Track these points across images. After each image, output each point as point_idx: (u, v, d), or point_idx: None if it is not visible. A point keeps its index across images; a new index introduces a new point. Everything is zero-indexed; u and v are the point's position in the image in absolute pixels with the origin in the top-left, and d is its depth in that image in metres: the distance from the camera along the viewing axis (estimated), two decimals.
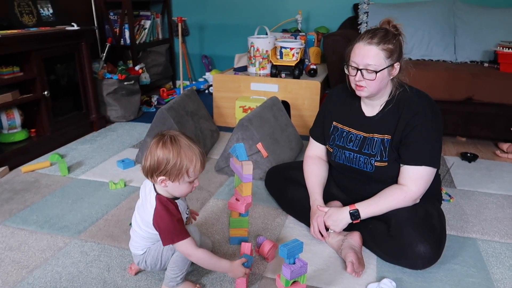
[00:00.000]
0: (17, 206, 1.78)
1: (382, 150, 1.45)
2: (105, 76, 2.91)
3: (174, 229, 1.16)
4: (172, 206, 1.18)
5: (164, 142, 1.13)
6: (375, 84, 1.36)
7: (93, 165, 2.22)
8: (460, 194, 1.95)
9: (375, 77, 1.34)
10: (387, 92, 1.45)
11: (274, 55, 2.81)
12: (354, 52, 1.38)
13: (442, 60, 2.81)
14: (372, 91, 1.39)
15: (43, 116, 2.38)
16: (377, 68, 1.34)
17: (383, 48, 1.33)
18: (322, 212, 1.49)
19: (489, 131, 2.50)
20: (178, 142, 1.14)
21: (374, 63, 1.33)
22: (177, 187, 1.17)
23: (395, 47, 1.35)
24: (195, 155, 1.14)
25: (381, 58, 1.33)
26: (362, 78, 1.37)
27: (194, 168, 1.15)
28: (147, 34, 3.63)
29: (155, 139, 1.15)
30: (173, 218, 1.16)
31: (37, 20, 2.62)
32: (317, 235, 1.50)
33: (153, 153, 1.13)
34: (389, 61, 1.35)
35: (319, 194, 1.58)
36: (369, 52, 1.33)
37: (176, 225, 1.16)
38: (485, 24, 2.76)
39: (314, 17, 3.58)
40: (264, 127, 2.11)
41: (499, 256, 1.48)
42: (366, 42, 1.34)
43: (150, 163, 1.14)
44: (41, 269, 1.37)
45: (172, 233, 1.16)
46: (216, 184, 2.02)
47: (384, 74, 1.36)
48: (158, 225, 1.16)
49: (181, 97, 2.39)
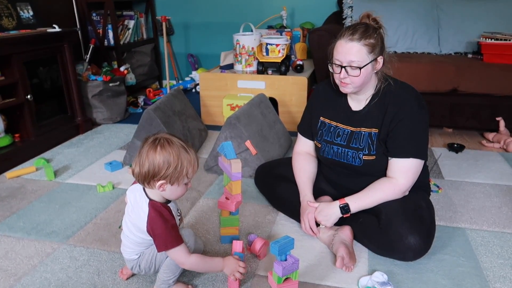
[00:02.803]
0: (2, 213, 1.74)
1: (370, 144, 1.45)
2: (89, 78, 2.87)
3: (168, 235, 1.13)
4: (166, 212, 1.16)
5: (162, 145, 1.10)
6: (360, 80, 1.36)
7: (80, 169, 2.19)
8: (448, 184, 1.97)
9: (360, 73, 1.35)
10: (372, 86, 1.45)
11: (260, 52, 2.80)
12: (336, 50, 1.38)
13: (426, 52, 2.83)
14: (356, 86, 1.39)
15: (27, 120, 2.34)
16: (361, 64, 1.34)
17: (364, 43, 1.33)
18: (312, 208, 1.49)
19: (474, 121, 2.53)
20: (175, 144, 1.12)
21: (357, 59, 1.33)
22: (175, 190, 1.15)
23: (376, 41, 1.35)
24: (192, 155, 1.14)
25: (363, 53, 1.34)
26: (346, 75, 1.37)
27: (193, 168, 1.14)
28: (131, 34, 3.59)
29: (149, 144, 1.11)
30: (167, 224, 1.14)
31: (17, 23, 2.57)
32: (308, 231, 1.50)
33: (151, 158, 1.09)
34: (372, 55, 1.35)
35: (309, 190, 1.58)
36: (351, 49, 1.33)
37: (170, 231, 1.14)
38: (468, 15, 2.79)
39: (299, 12, 3.58)
40: (252, 124, 2.10)
41: (488, 244, 1.50)
42: (347, 39, 1.34)
43: (149, 168, 1.10)
44: (30, 276, 1.34)
45: (166, 240, 1.13)
46: (206, 183, 2.01)
47: (368, 69, 1.36)
48: (153, 232, 1.14)
49: (167, 97, 2.37)
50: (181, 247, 1.15)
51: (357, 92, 1.45)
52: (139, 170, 1.12)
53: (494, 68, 2.38)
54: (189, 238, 1.23)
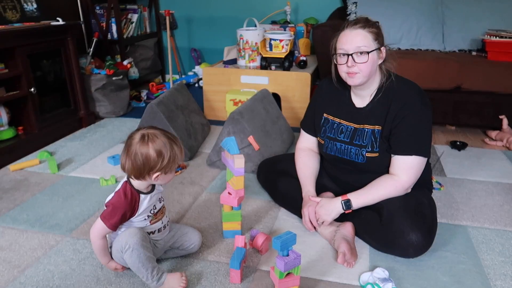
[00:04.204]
0: (6, 205, 1.75)
1: (373, 141, 1.45)
2: (92, 72, 2.87)
3: (111, 210, 1.19)
4: (129, 197, 1.20)
5: (152, 140, 1.15)
6: (367, 67, 1.36)
7: (83, 162, 2.20)
8: (450, 182, 1.98)
9: (368, 59, 1.34)
10: (376, 81, 1.45)
11: (263, 47, 2.80)
12: (340, 41, 1.39)
13: (430, 49, 2.82)
14: (364, 76, 1.38)
15: (30, 113, 2.35)
16: (368, 48, 1.35)
17: (369, 30, 1.36)
18: (313, 202, 1.50)
19: (477, 119, 2.53)
20: (163, 135, 1.17)
21: (364, 44, 1.35)
22: (167, 177, 1.21)
23: (379, 31, 1.38)
24: (179, 144, 1.20)
25: (369, 39, 1.36)
26: (354, 63, 1.36)
27: (181, 155, 1.20)
28: (135, 28, 3.58)
29: (138, 140, 1.15)
30: (120, 204, 1.19)
31: (21, 15, 2.56)
32: (307, 225, 1.50)
33: (145, 153, 1.14)
34: (376, 43, 1.37)
35: (311, 185, 1.58)
36: (357, 35, 1.35)
37: (115, 209, 1.18)
38: (472, 13, 2.78)
39: (302, 8, 3.56)
40: (255, 120, 2.11)
41: (489, 242, 1.50)
42: (351, 28, 1.37)
43: (144, 163, 1.15)
44: (33, 268, 1.36)
45: (106, 211, 1.19)
46: (208, 178, 2.01)
47: (374, 56, 1.37)
48: (109, 201, 1.21)
49: (170, 91, 2.37)
50: (103, 226, 1.18)
51: (362, 87, 1.45)
52: (131, 166, 1.16)
53: (498, 66, 2.37)
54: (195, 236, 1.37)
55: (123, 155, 1.18)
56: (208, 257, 1.41)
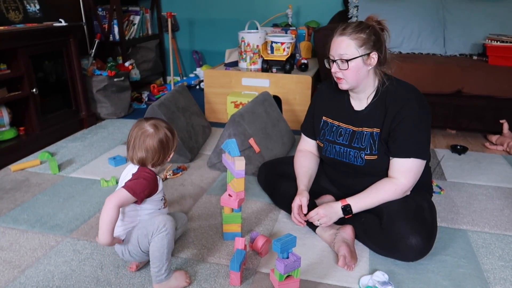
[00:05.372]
0: (7, 206, 1.76)
1: (372, 144, 1.45)
2: (94, 73, 2.88)
3: (138, 182, 1.21)
4: (154, 174, 1.26)
5: (160, 125, 1.26)
6: (351, 74, 1.38)
7: (84, 163, 2.20)
8: (451, 186, 1.98)
9: (348, 67, 1.37)
10: (371, 84, 1.45)
11: (265, 50, 2.80)
12: (330, 46, 1.42)
13: (431, 53, 2.83)
14: (350, 82, 1.41)
15: (32, 114, 2.35)
16: (349, 57, 1.36)
17: (354, 37, 1.36)
18: (301, 197, 1.50)
19: (478, 123, 2.53)
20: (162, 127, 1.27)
21: (346, 52, 1.37)
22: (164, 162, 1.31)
23: (368, 36, 1.36)
24: (175, 133, 1.32)
25: (352, 47, 1.36)
26: (338, 70, 1.40)
27: (177, 143, 1.33)
28: (137, 30, 3.59)
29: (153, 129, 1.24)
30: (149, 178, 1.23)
31: (24, 16, 2.57)
32: (295, 220, 1.52)
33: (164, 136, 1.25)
34: (362, 50, 1.36)
35: (302, 182, 1.58)
36: (341, 43, 1.37)
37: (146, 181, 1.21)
38: (474, 17, 2.78)
39: (304, 11, 3.57)
40: (256, 122, 2.11)
41: (489, 246, 1.50)
42: (338, 34, 1.39)
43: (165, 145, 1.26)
44: (33, 268, 1.36)
45: (132, 182, 1.21)
46: (209, 180, 2.02)
47: (358, 63, 1.37)
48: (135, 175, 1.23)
49: (172, 93, 2.38)
50: (127, 195, 1.18)
51: (356, 90, 1.46)
52: (153, 153, 1.24)
53: (499, 70, 2.38)
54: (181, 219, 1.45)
55: (139, 149, 1.24)
56: (208, 258, 1.41)
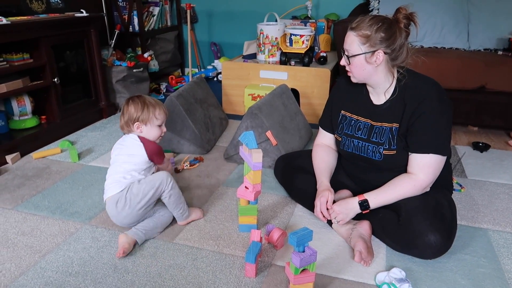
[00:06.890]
0: (29, 192, 1.80)
1: (390, 139, 1.43)
2: (114, 63, 2.91)
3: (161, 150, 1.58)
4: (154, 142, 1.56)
5: (132, 99, 1.53)
6: (355, 70, 1.40)
7: (102, 152, 2.23)
8: (471, 184, 1.93)
9: (349, 63, 1.39)
10: (385, 80, 1.41)
11: (283, 43, 2.78)
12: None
13: (454, 47, 2.76)
14: (357, 77, 1.42)
15: (53, 103, 2.40)
16: (350, 53, 1.38)
17: (358, 34, 1.34)
18: (326, 193, 1.48)
19: (501, 120, 2.46)
20: (142, 97, 1.55)
21: (348, 48, 1.38)
22: (149, 130, 1.54)
23: (375, 34, 1.31)
24: (156, 103, 1.55)
25: (355, 44, 1.35)
26: (344, 63, 1.43)
27: (160, 110, 1.55)
28: (156, 21, 3.61)
29: (125, 103, 1.54)
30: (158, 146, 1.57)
31: (46, 6, 2.61)
32: (319, 216, 1.50)
33: (126, 110, 1.52)
34: (365, 47, 1.34)
35: (326, 177, 1.57)
36: (347, 38, 1.39)
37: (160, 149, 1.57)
38: (499, 11, 2.70)
39: (324, 3, 3.53)
40: (273, 115, 2.10)
41: (511, 247, 1.47)
42: (349, 29, 1.39)
43: (127, 116, 1.52)
44: (53, 253, 1.39)
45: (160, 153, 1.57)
46: (225, 171, 2.02)
47: (361, 60, 1.36)
48: (151, 151, 1.52)
49: (190, 84, 2.39)
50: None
51: (371, 85, 1.45)
52: (122, 121, 1.54)
53: None
54: None
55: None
56: (223, 250, 1.42)
